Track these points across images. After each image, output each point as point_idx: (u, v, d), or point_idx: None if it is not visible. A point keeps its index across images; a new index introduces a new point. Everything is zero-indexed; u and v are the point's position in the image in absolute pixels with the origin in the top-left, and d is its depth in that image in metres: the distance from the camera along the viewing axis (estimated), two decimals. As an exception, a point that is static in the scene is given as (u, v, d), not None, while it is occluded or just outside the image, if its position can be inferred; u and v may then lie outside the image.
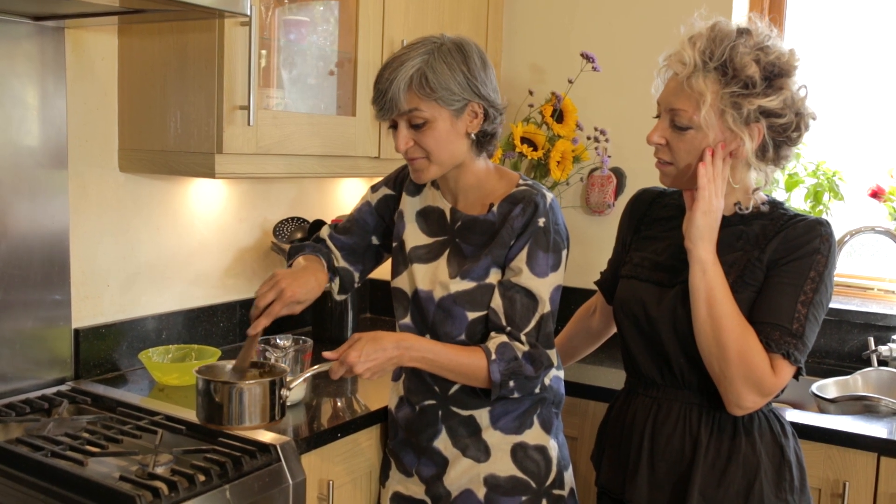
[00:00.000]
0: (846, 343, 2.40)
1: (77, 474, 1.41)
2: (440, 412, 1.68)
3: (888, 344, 2.31)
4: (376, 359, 1.50)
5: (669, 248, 1.59)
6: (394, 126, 1.60)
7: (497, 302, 1.60)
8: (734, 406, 1.48)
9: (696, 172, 1.47)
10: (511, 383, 1.56)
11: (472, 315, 1.62)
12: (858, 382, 2.26)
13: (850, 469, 1.84)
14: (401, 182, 1.78)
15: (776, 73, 1.44)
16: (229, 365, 1.58)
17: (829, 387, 2.20)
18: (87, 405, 1.82)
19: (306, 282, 1.63)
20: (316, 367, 1.54)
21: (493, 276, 1.62)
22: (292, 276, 1.62)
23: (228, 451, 1.55)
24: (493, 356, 1.55)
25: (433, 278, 1.66)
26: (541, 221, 1.59)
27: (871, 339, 2.34)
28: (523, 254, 1.59)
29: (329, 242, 1.80)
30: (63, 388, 1.90)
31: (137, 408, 1.77)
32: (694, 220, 1.47)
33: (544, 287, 1.59)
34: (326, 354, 1.51)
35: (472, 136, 1.60)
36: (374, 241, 1.82)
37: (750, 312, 1.48)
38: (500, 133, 1.66)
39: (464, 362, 1.56)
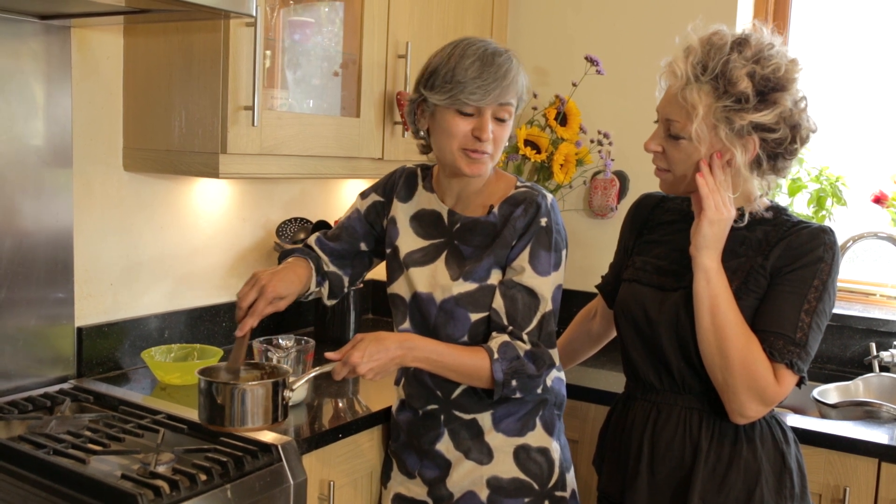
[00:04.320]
0: (848, 348, 2.40)
1: (79, 472, 1.41)
2: (443, 416, 1.68)
3: (890, 350, 2.31)
4: (379, 359, 1.50)
5: (672, 253, 1.59)
6: (469, 114, 1.57)
7: (498, 302, 1.60)
8: (737, 415, 1.47)
9: (693, 181, 1.47)
10: (514, 383, 1.56)
11: (474, 316, 1.62)
12: (860, 388, 2.26)
13: (850, 474, 1.84)
14: (391, 188, 1.78)
15: (771, 88, 1.42)
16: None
17: (830, 392, 2.20)
18: (89, 403, 1.83)
19: (285, 276, 1.64)
20: (318, 367, 1.54)
21: (495, 277, 1.62)
22: (272, 272, 1.63)
23: (230, 451, 1.55)
24: (496, 355, 1.55)
25: (433, 281, 1.66)
26: (543, 221, 1.60)
27: (873, 345, 2.34)
28: (525, 253, 1.59)
29: (316, 249, 1.80)
30: (65, 386, 1.90)
31: (139, 406, 1.77)
32: (701, 229, 1.46)
33: (546, 286, 1.59)
34: (329, 355, 1.51)
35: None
36: (363, 247, 1.82)
37: (753, 320, 1.48)
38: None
39: (466, 362, 1.56)
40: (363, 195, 1.82)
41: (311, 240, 1.83)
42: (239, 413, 1.45)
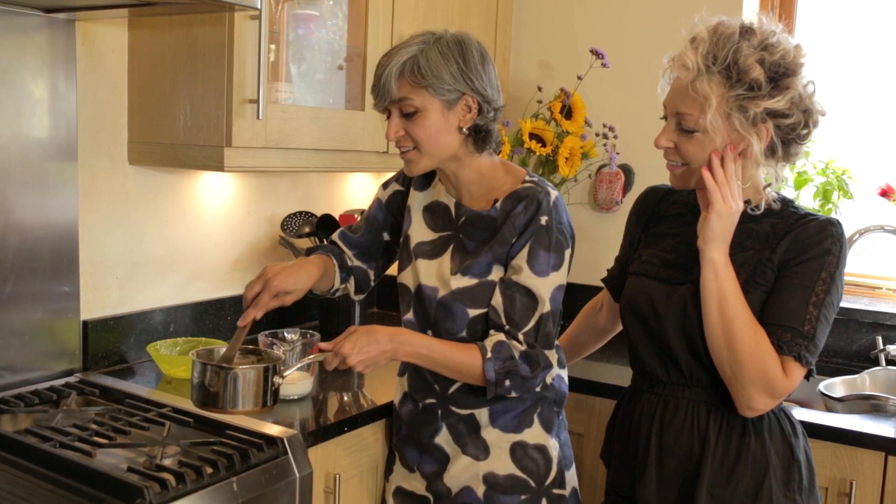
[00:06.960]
0: (854, 342, 2.40)
1: (85, 465, 1.41)
2: (440, 411, 1.68)
3: (896, 343, 2.31)
4: (369, 351, 1.50)
5: (679, 246, 1.59)
6: (390, 115, 1.60)
7: (497, 300, 1.59)
8: (745, 408, 1.47)
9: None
10: (507, 383, 1.56)
11: (472, 312, 1.61)
12: (866, 381, 2.25)
13: (857, 468, 1.84)
14: (410, 177, 1.78)
15: (782, 73, 1.42)
16: (221, 351, 1.59)
17: (836, 386, 2.19)
18: (95, 397, 1.83)
19: (294, 272, 1.63)
20: (311, 356, 1.56)
21: (495, 274, 1.61)
22: (281, 268, 1.63)
23: (236, 444, 1.55)
24: (489, 354, 1.54)
25: (438, 274, 1.65)
26: (543, 220, 1.58)
27: (879, 339, 2.33)
28: (524, 252, 1.58)
29: (340, 243, 1.81)
30: (71, 379, 1.90)
31: (145, 400, 1.78)
32: (709, 222, 1.46)
33: (545, 287, 1.58)
34: (322, 345, 1.52)
35: (465, 130, 1.58)
36: (386, 237, 1.82)
37: (761, 313, 1.47)
38: (495, 130, 1.63)
39: (458, 359, 1.56)
40: (385, 185, 1.83)
41: (335, 235, 1.83)
42: (231, 396, 1.47)
